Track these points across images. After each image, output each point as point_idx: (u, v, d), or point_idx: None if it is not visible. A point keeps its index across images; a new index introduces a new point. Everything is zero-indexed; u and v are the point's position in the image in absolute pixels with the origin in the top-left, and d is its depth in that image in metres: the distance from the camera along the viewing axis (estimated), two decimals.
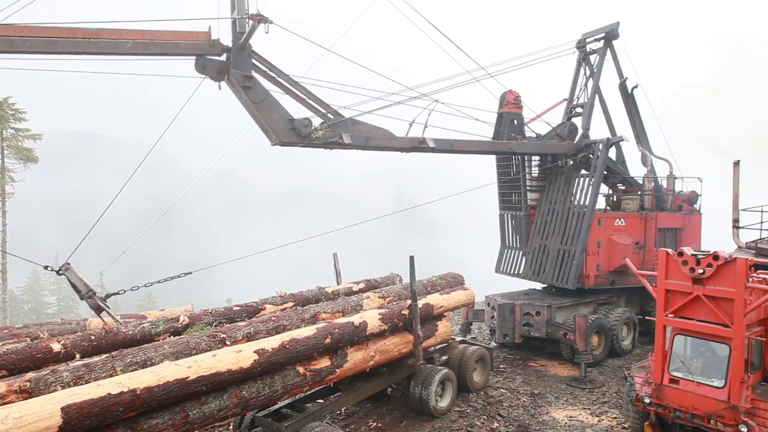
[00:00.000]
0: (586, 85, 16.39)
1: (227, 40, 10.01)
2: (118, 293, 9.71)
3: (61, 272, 8.71)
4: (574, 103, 16.59)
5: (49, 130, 35.21)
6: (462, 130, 13.19)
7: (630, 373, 10.20)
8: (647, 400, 8.94)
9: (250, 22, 9.63)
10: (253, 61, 10.19)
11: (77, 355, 7.71)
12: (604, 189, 16.59)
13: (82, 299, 8.92)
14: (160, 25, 9.49)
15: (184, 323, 9.12)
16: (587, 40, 16.41)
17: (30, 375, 6.47)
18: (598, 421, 11.03)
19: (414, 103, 12.12)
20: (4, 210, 30.99)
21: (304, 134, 10.76)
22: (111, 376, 6.70)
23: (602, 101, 16.36)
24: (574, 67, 16.82)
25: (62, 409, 5.74)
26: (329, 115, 11.18)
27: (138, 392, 6.35)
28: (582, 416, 11.26)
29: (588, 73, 16.37)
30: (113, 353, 7.24)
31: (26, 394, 6.17)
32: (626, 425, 10.43)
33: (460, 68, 12.86)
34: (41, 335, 9.16)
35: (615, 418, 11.09)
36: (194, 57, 9.84)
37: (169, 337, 8.66)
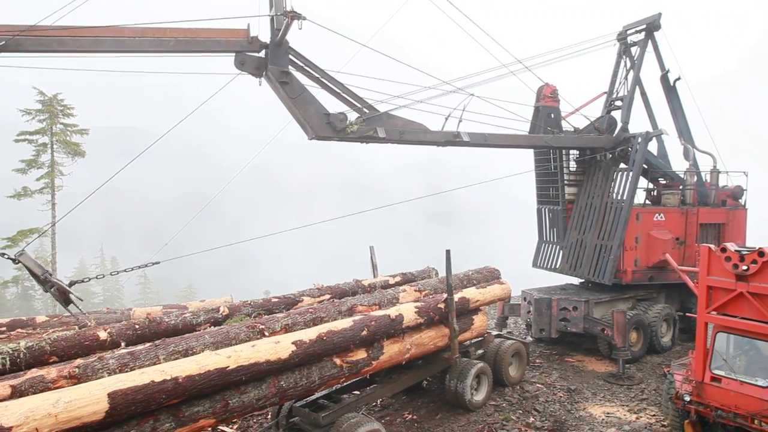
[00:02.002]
0: (626, 78, 16.00)
1: (265, 38, 10.12)
2: (83, 281, 9.59)
3: (17, 260, 8.54)
4: (614, 96, 16.22)
5: (95, 125, 36.11)
6: (498, 124, 13.01)
7: (669, 370, 9.95)
8: (687, 398, 8.71)
9: (285, 19, 9.69)
10: (290, 57, 10.29)
11: (122, 343, 7.90)
12: (645, 183, 16.21)
13: (43, 285, 8.57)
14: (200, 24, 9.69)
15: (224, 314, 9.27)
16: (628, 32, 16.01)
17: (78, 361, 6.66)
18: (636, 418, 10.80)
19: (449, 98, 12.04)
20: (53, 203, 31.98)
21: (339, 128, 10.84)
22: (154, 364, 6.84)
23: (644, 94, 15.95)
24: (614, 60, 16.44)
25: (109, 394, 5.89)
26: (364, 110, 11.20)
27: (180, 380, 6.47)
28: (620, 413, 11.05)
29: (628, 65, 15.97)
30: (156, 342, 7.40)
31: (75, 379, 6.36)
32: (665, 423, 10.19)
33: (497, 62, 12.74)
34: (89, 323, 9.42)
35: (654, 415, 10.85)
36: (233, 54, 9.97)
37: (210, 327, 8.81)
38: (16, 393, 5.95)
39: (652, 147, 15.51)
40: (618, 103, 15.96)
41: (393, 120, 11.57)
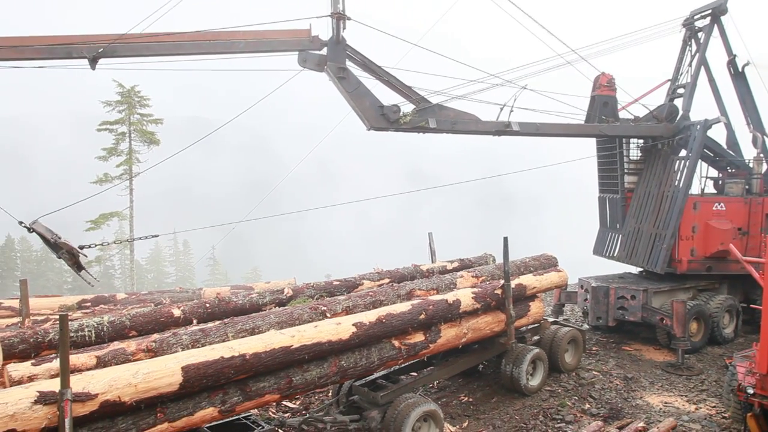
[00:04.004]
0: (690, 65, 15.23)
1: (325, 37, 10.76)
2: (90, 246, 9.76)
3: (31, 228, 8.93)
4: (677, 84, 15.47)
5: (169, 115, 37.39)
6: (556, 112, 12.89)
7: (732, 362, 9.48)
8: (750, 391, 8.27)
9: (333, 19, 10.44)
10: (348, 54, 10.84)
11: (194, 321, 8.15)
12: (712, 173, 15.46)
13: (55, 252, 9.05)
14: (263, 26, 10.41)
15: (288, 295, 9.43)
16: (695, 17, 15.19)
17: (155, 336, 6.92)
18: (696, 409, 10.37)
19: (503, 90, 12.20)
20: (131, 188, 33.36)
21: (392, 119, 11.29)
22: (224, 341, 7.03)
23: (711, 81, 15.13)
24: (679, 47, 15.65)
25: (182, 368, 6.09)
26: (417, 102, 11.57)
27: (247, 357, 6.63)
28: (678, 403, 10.64)
29: (694, 52, 15.19)
30: (225, 320, 7.60)
31: (152, 353, 6.61)
32: (726, 415, 9.74)
33: (553, 52, 12.78)
34: (164, 301, 9.79)
35: (714, 407, 10.39)
36: (297, 52, 10.62)
37: (275, 307, 8.99)
38: (101, 363, 6.24)
39: (721, 135, 14.75)
40: (681, 90, 15.23)
41: (445, 111, 11.86)
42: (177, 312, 8.14)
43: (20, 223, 9.09)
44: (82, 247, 9.30)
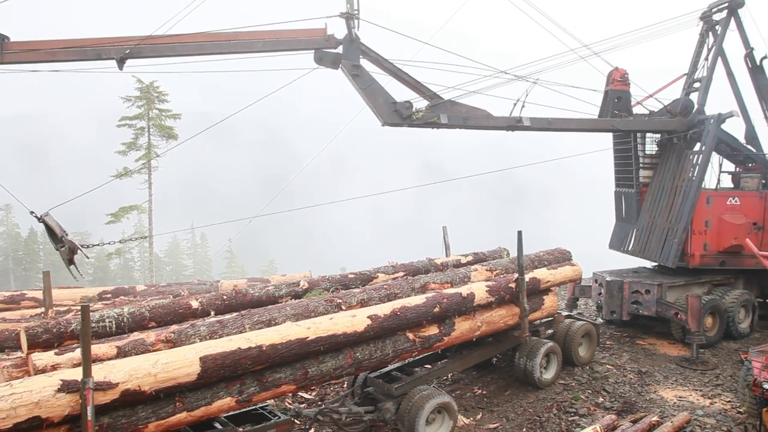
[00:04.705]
0: (707, 59, 14.98)
1: (341, 35, 10.89)
2: (89, 246, 10.66)
3: (41, 219, 9.56)
4: (694, 77, 15.23)
5: (187, 111, 37.63)
6: (571, 109, 12.88)
7: (747, 357, 9.35)
8: (766, 386, 8.16)
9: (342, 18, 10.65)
10: (362, 51, 10.97)
11: (212, 312, 8.20)
12: (731, 167, 15.22)
13: (56, 244, 9.63)
14: (278, 26, 10.65)
15: (304, 288, 9.45)
16: (713, 10, 14.92)
17: (174, 327, 6.97)
18: (710, 403, 10.24)
19: (516, 85, 12.26)
20: (150, 182, 33.67)
21: (405, 115, 11.38)
22: (241, 332, 7.07)
23: (729, 74, 14.87)
24: (696, 41, 15.38)
25: (200, 359, 6.14)
26: (429, 98, 11.68)
27: (264, 348, 6.66)
28: (692, 397, 10.52)
29: (711, 45, 14.93)
30: (242, 312, 7.63)
31: (171, 343, 6.66)
32: (741, 410, 9.61)
33: (566, 47, 12.80)
34: (182, 293, 9.87)
35: (729, 401, 10.25)
36: (313, 50, 10.76)
37: (291, 300, 9.00)
38: (121, 353, 6.31)
39: (740, 129, 14.49)
40: (697, 85, 15.00)
41: (456, 107, 11.91)
42: (195, 304, 8.19)
43: (31, 212, 9.66)
44: (83, 246, 10.01)
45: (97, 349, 6.14)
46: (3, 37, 9.41)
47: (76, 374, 5.36)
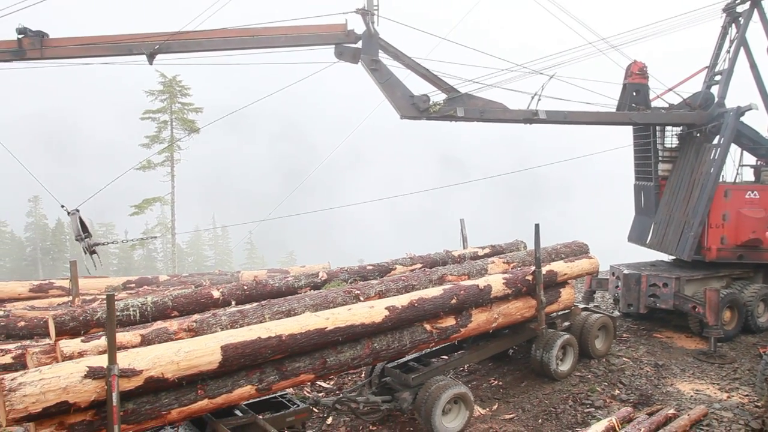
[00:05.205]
0: (729, 51, 14.68)
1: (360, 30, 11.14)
2: (102, 243, 11.59)
3: (71, 213, 10.42)
4: (715, 70, 14.94)
5: (208, 104, 37.95)
6: (589, 102, 12.80)
7: (766, 351, 9.21)
8: None
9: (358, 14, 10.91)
10: (381, 45, 11.19)
11: (233, 302, 8.27)
12: (751, 160, 14.93)
13: (78, 239, 10.51)
14: (298, 22, 10.98)
15: (322, 279, 9.49)
16: (736, 2, 14.60)
17: (195, 317, 7.05)
18: (728, 397, 10.10)
19: (534, 78, 12.34)
20: (173, 174, 34.02)
21: (422, 108, 11.57)
22: (261, 322, 7.13)
23: (753, 66, 14.56)
24: (719, 33, 15.07)
25: (222, 347, 6.21)
26: (447, 91, 11.80)
27: (283, 338, 6.71)
28: (709, 390, 10.38)
29: (733, 37, 14.62)
30: (262, 302, 7.69)
31: (192, 332, 6.74)
32: (759, 404, 9.46)
33: (584, 41, 12.88)
34: (203, 283, 9.97)
35: (747, 395, 10.09)
36: (333, 46, 11.03)
37: (310, 290, 9.04)
38: (145, 341, 6.39)
39: (763, 122, 14.22)
40: (718, 77, 14.72)
41: (473, 100, 12.01)
42: (216, 294, 8.27)
43: (62, 206, 10.45)
44: (97, 244, 11.03)
45: (122, 337, 6.24)
46: (42, 35, 9.87)
47: (102, 361, 5.46)
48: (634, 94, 13.83)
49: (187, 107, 35.14)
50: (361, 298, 8.27)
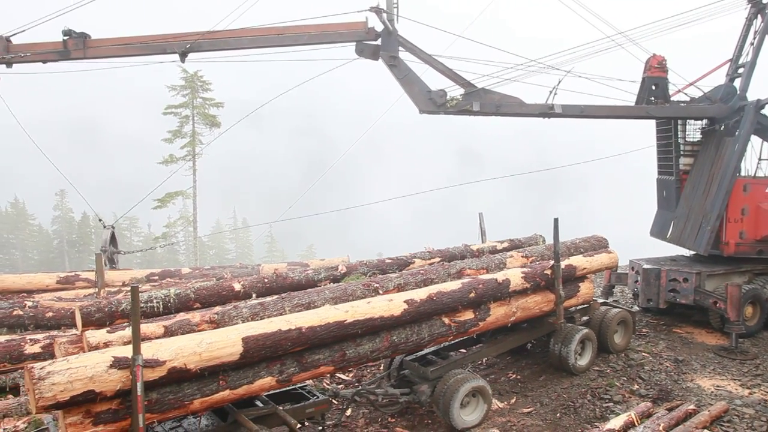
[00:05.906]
0: (752, 44, 14.33)
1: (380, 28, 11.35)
2: (120, 252, 13.08)
3: (107, 227, 11.75)
4: (739, 63, 14.59)
5: (229, 99, 38.18)
6: (607, 96, 12.66)
7: None
8: None
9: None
10: (399, 42, 11.35)
11: (254, 295, 8.32)
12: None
13: (103, 250, 11.90)
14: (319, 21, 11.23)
15: (342, 272, 9.51)
16: None
17: (217, 309, 7.12)
18: (749, 393, 9.92)
19: (551, 73, 12.38)
20: (194, 168, 34.33)
21: (439, 103, 11.72)
22: (281, 314, 7.16)
23: None
24: (743, 25, 14.70)
25: (243, 339, 6.26)
26: (464, 86, 11.92)
27: (303, 330, 6.74)
28: (730, 387, 10.21)
29: (758, 28, 14.26)
30: (283, 295, 7.73)
31: (214, 324, 6.80)
32: None
33: (602, 35, 12.86)
34: (225, 276, 10.06)
35: None
36: (354, 43, 11.26)
37: (329, 283, 9.07)
38: (168, 332, 6.47)
39: None
40: (741, 70, 14.38)
41: (490, 95, 12.09)
42: (237, 286, 8.33)
43: (100, 220, 11.71)
44: (116, 252, 12.80)
45: (146, 328, 6.32)
46: (85, 35, 10.34)
47: (127, 352, 5.54)
48: (653, 87, 13.60)
49: (208, 102, 35.42)
50: (380, 292, 8.27)
